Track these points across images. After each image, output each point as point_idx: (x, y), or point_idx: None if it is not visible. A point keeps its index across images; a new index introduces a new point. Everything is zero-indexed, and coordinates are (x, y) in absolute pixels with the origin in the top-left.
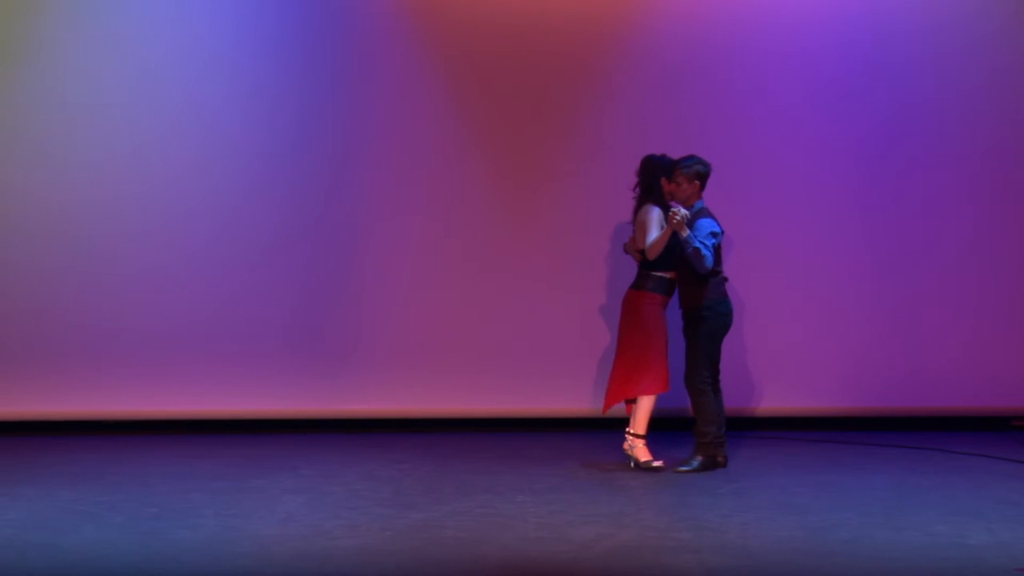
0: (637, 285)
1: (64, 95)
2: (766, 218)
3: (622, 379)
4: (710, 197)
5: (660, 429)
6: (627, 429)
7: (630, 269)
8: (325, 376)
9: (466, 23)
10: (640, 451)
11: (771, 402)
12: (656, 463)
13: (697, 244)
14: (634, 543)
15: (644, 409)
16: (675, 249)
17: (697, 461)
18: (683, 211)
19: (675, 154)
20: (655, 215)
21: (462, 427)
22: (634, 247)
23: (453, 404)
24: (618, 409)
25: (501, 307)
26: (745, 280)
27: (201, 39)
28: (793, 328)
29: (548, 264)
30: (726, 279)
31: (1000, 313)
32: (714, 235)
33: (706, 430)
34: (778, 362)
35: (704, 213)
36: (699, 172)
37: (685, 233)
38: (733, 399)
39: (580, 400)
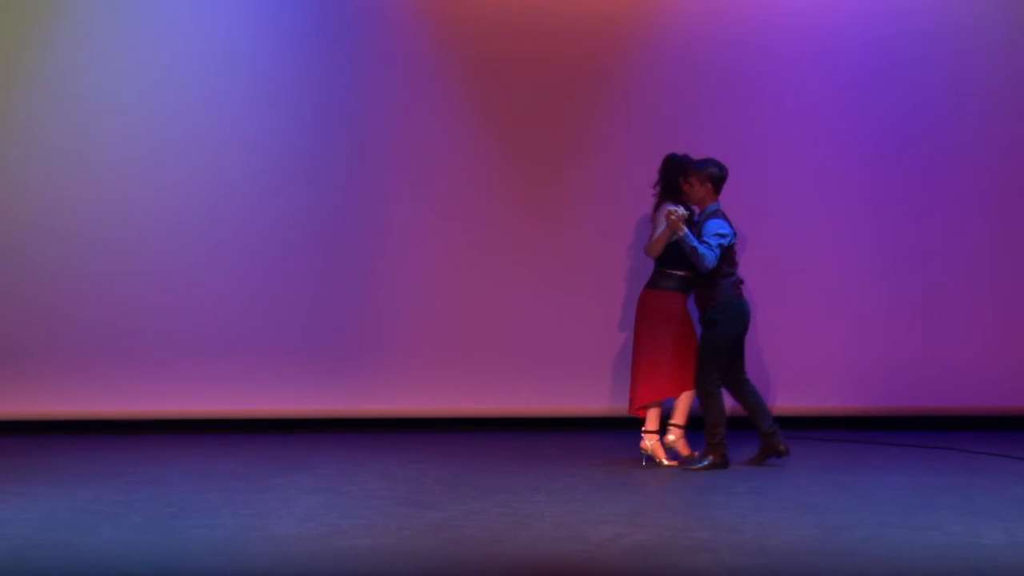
0: (655, 284)
1: (81, 95)
2: (782, 217)
3: (649, 380)
4: (729, 195)
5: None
6: (643, 428)
7: (648, 268)
8: (342, 376)
9: (482, 23)
10: (683, 444)
11: (787, 401)
12: (667, 461)
13: (695, 243)
14: (651, 543)
15: (684, 402)
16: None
17: (707, 460)
18: (681, 210)
19: (694, 152)
20: (681, 209)
21: (479, 427)
22: None
23: (470, 404)
24: (622, 410)
25: (519, 307)
26: (761, 279)
27: (218, 39)
28: (809, 327)
29: (565, 263)
30: (741, 281)
31: (1017, 312)
32: (722, 236)
33: (715, 431)
34: (793, 361)
35: (716, 214)
36: (712, 175)
37: (682, 231)
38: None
39: (597, 400)
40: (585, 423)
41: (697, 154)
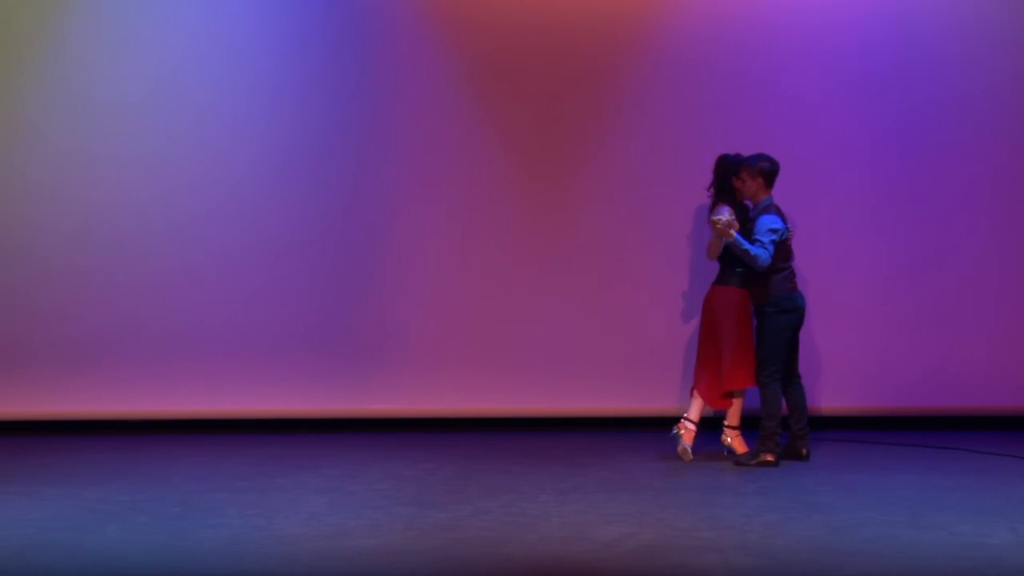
0: (719, 280)
1: (88, 94)
2: (788, 217)
3: (732, 372)
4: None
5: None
6: (724, 422)
7: (654, 265)
8: (348, 376)
9: (489, 22)
10: (738, 443)
11: None
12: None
13: (746, 245)
14: (657, 543)
15: (740, 402)
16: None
17: (759, 457)
18: (724, 217)
19: (703, 151)
20: (724, 215)
21: (485, 427)
22: None
23: (476, 404)
24: (641, 409)
25: (524, 306)
26: None
27: (224, 39)
28: (816, 327)
29: (572, 263)
30: (794, 274)
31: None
32: (774, 231)
33: (768, 424)
34: (802, 362)
35: (769, 209)
36: (762, 169)
37: (730, 237)
38: (757, 399)
39: (603, 399)
40: (592, 423)
41: (706, 152)
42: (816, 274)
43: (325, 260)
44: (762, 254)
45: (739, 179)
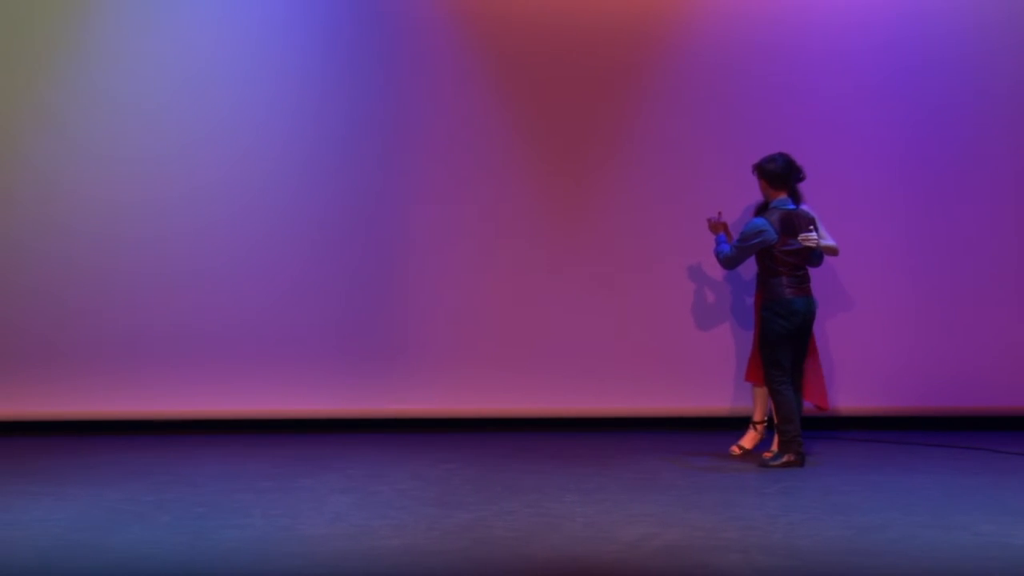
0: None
1: (112, 95)
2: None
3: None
4: (747, 197)
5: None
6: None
7: (682, 264)
8: (373, 376)
9: (513, 23)
10: (748, 439)
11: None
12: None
13: (717, 249)
14: (681, 543)
15: (762, 399)
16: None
17: (783, 458)
18: (716, 217)
19: (723, 151)
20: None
21: (509, 427)
22: None
23: (500, 404)
24: (666, 410)
25: (548, 307)
26: None
27: (249, 38)
28: (839, 328)
29: (596, 264)
30: (801, 279)
31: None
32: (751, 235)
33: (783, 427)
34: (824, 362)
35: (766, 212)
36: (763, 170)
37: (715, 233)
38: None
39: (627, 400)
40: (615, 423)
41: (731, 151)
42: (841, 274)
43: (349, 260)
44: (720, 252)
45: None
